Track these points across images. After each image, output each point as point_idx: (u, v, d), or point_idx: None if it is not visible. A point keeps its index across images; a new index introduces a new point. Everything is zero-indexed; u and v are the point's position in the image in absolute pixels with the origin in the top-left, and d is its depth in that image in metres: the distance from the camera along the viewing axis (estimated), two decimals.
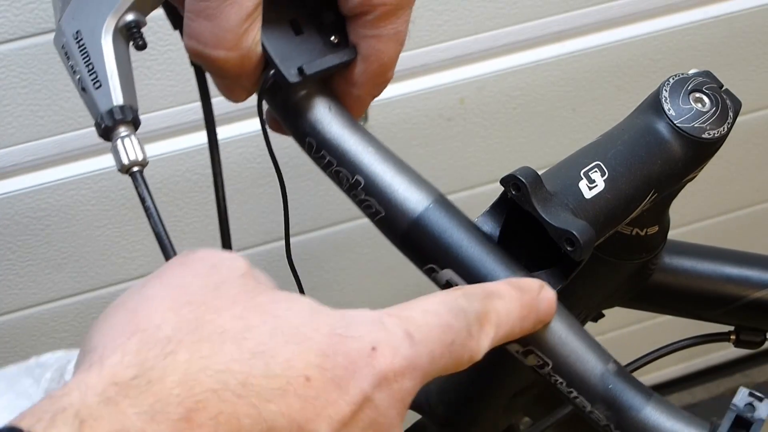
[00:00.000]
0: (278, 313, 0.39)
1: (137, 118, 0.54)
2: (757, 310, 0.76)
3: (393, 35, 0.55)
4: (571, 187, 0.57)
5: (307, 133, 0.55)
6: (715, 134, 0.60)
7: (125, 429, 0.33)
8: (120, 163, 0.52)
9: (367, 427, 0.38)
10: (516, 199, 0.53)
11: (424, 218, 0.53)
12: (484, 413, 0.89)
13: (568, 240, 0.51)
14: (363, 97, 0.58)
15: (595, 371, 0.51)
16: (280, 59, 0.53)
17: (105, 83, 0.53)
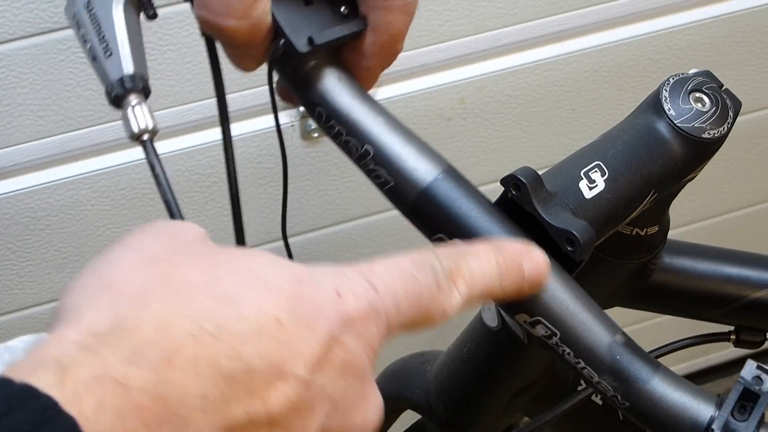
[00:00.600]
0: (243, 265, 0.39)
1: (147, 87, 0.54)
2: (757, 310, 0.76)
3: (402, 6, 0.55)
4: (571, 187, 0.57)
5: (317, 103, 0.56)
6: (715, 134, 0.61)
7: (107, 373, 0.33)
8: (130, 130, 0.53)
9: (340, 368, 0.39)
10: (516, 199, 0.53)
11: (433, 188, 0.53)
12: (483, 413, 0.89)
13: (568, 240, 0.52)
14: (373, 68, 0.58)
15: (603, 342, 0.51)
16: (290, 29, 0.54)
17: (116, 52, 0.53)
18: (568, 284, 0.52)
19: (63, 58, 1.13)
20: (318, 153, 1.33)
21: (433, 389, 0.93)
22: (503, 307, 0.53)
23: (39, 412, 0.32)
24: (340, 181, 1.38)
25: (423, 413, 0.98)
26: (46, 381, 0.33)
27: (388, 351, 1.58)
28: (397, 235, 1.48)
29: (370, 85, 0.59)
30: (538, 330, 0.52)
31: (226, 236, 1.43)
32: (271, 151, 1.30)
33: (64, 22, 1.10)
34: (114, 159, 1.25)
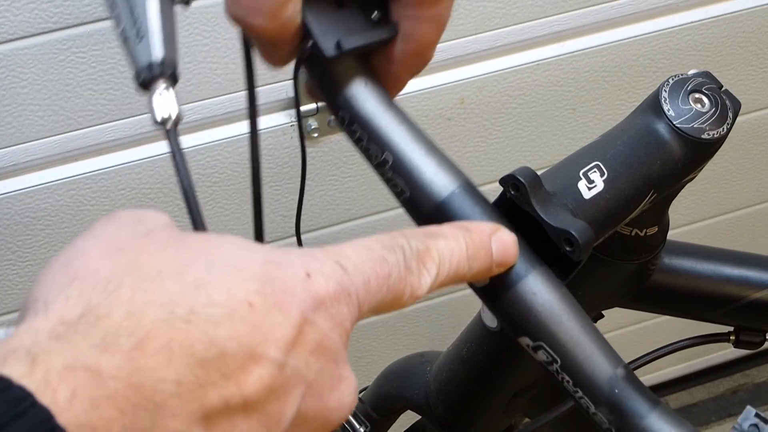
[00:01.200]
0: (211, 250, 0.39)
1: (176, 73, 0.53)
2: (756, 310, 0.76)
3: (434, 18, 0.55)
4: (570, 187, 0.57)
5: (341, 107, 0.56)
6: (714, 135, 0.60)
7: (79, 360, 0.33)
8: (154, 117, 0.53)
9: (314, 349, 0.39)
10: (515, 199, 0.53)
11: (449, 203, 0.53)
12: (483, 414, 0.89)
13: (567, 240, 0.51)
14: (401, 76, 0.57)
15: (604, 374, 0.50)
16: (319, 32, 0.53)
17: (147, 36, 0.53)
18: (575, 312, 0.51)
19: (63, 58, 1.13)
20: (318, 153, 1.34)
21: (432, 390, 0.93)
22: (506, 327, 0.53)
23: (13, 402, 0.31)
24: (340, 181, 1.38)
25: (423, 413, 0.98)
26: (19, 371, 0.32)
27: (388, 351, 1.59)
28: None
29: (396, 91, 0.58)
30: (539, 355, 0.51)
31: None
32: (272, 151, 1.30)
33: (64, 22, 1.10)
34: (114, 159, 1.25)
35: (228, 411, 0.36)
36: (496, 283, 0.51)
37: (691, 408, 2.05)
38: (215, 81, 1.21)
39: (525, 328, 0.51)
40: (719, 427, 2.01)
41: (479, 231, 0.49)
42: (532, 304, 0.51)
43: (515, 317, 0.51)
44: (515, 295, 0.51)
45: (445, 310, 1.66)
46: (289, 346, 0.38)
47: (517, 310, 0.51)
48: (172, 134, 0.52)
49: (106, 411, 0.33)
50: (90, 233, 0.40)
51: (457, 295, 1.63)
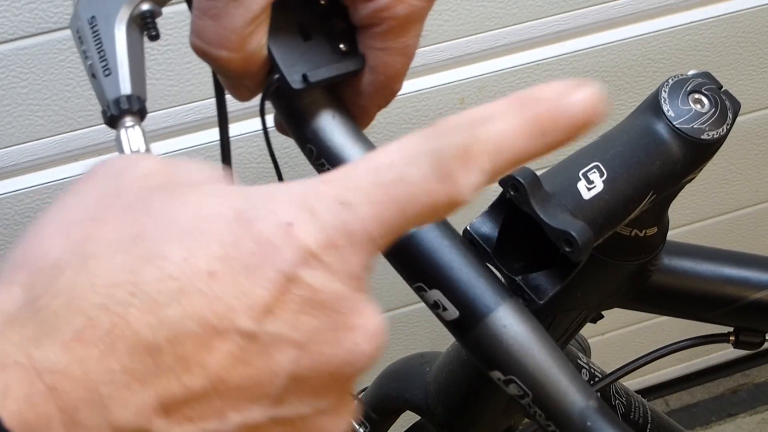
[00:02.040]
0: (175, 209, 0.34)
1: (144, 109, 0.53)
2: (756, 311, 0.76)
3: (402, 49, 0.54)
4: (569, 187, 0.57)
5: (308, 140, 0.55)
6: (714, 135, 0.60)
7: (10, 357, 0.31)
8: (122, 153, 0.52)
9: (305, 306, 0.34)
10: (514, 200, 0.53)
11: (416, 238, 0.52)
12: (483, 415, 0.89)
13: (566, 241, 0.51)
14: (369, 108, 0.57)
15: (576, 406, 0.49)
16: (285, 65, 0.53)
17: (115, 71, 0.53)
18: (546, 344, 0.50)
19: (63, 58, 1.13)
20: None
21: (432, 390, 0.93)
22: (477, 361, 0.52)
23: None
24: None
25: (422, 414, 0.97)
26: None
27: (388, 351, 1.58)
28: None
29: (366, 123, 0.58)
30: (510, 389, 0.50)
31: None
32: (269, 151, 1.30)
33: (64, 22, 1.10)
34: None
35: (193, 396, 0.33)
36: (465, 317, 0.50)
37: (691, 408, 2.05)
38: None
39: (495, 361, 0.50)
40: (719, 427, 2.01)
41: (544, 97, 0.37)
42: (502, 337, 0.49)
43: (485, 351, 0.50)
44: (485, 328, 0.50)
45: None
46: (264, 312, 0.33)
47: (487, 343, 0.50)
48: None
49: (44, 408, 0.31)
50: (61, 198, 0.37)
51: None
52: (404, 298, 1.59)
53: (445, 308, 0.51)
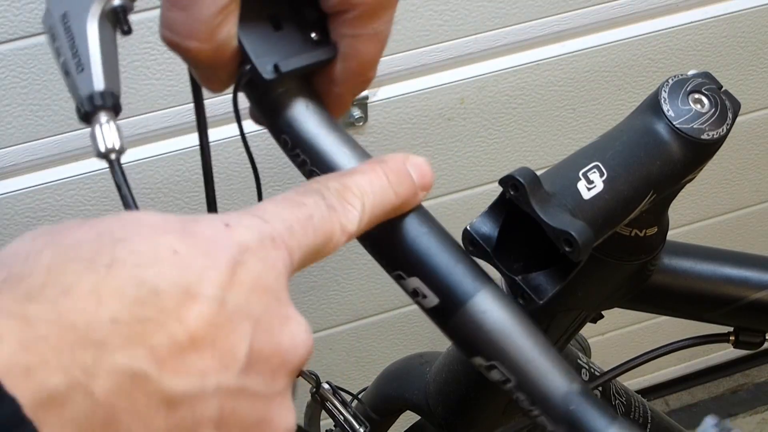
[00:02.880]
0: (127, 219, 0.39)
1: (118, 104, 0.53)
2: (756, 311, 0.76)
3: (373, 35, 0.54)
4: (569, 187, 0.57)
5: (282, 131, 0.55)
6: (714, 135, 0.60)
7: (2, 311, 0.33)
8: (97, 149, 0.51)
9: (253, 288, 0.39)
10: (514, 200, 0.53)
11: (394, 224, 0.51)
12: (483, 414, 0.89)
13: (566, 240, 0.51)
14: (343, 95, 0.57)
15: (559, 390, 0.49)
16: (256, 55, 0.53)
17: (87, 67, 0.52)
18: (528, 329, 0.50)
19: None
20: None
21: (432, 390, 0.93)
22: (460, 348, 0.52)
23: None
24: None
25: (422, 414, 0.98)
26: None
27: (388, 351, 1.58)
28: None
29: (340, 111, 0.57)
30: (493, 375, 0.50)
31: None
32: (271, 151, 1.30)
33: None
34: None
35: (176, 347, 0.36)
36: (444, 304, 0.50)
37: (691, 408, 2.05)
38: None
39: (477, 347, 0.50)
40: None
41: (393, 159, 0.50)
42: (482, 322, 0.49)
43: (467, 337, 0.50)
44: (465, 314, 0.50)
45: None
46: (225, 285, 0.38)
47: (467, 329, 0.50)
48: (115, 167, 0.51)
49: (38, 351, 0.33)
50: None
51: None
52: (404, 298, 1.59)
53: (424, 296, 0.51)
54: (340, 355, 1.66)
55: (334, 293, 1.54)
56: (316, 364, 1.62)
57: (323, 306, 1.56)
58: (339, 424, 1.00)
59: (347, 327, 1.61)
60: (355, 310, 1.58)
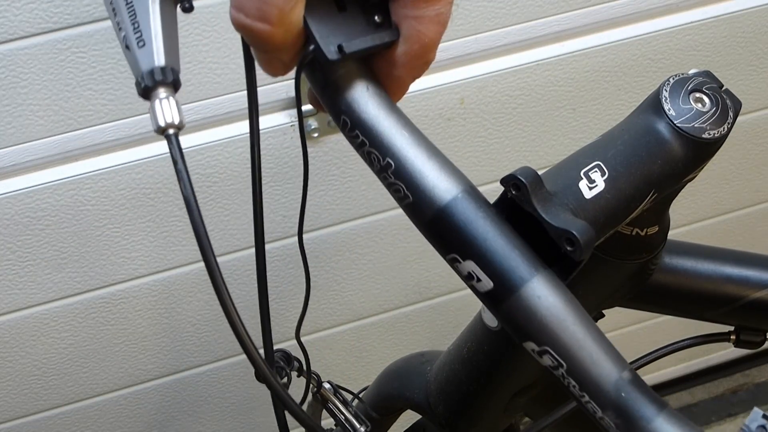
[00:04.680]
0: None
1: (178, 81, 0.54)
2: (757, 310, 0.76)
3: (434, 17, 0.55)
4: (571, 187, 0.57)
5: (342, 111, 0.55)
6: (715, 134, 0.60)
7: None
8: (156, 124, 0.52)
9: None
10: (516, 199, 0.53)
11: (451, 208, 0.52)
12: (484, 413, 0.89)
13: (568, 240, 0.51)
14: (403, 78, 0.57)
15: (610, 378, 0.50)
16: (321, 36, 0.53)
17: (149, 43, 0.53)
18: (580, 316, 0.51)
19: (63, 58, 1.13)
20: (318, 153, 1.33)
21: (433, 389, 0.93)
22: (511, 332, 0.52)
23: None
24: (340, 181, 1.38)
25: (423, 413, 0.97)
26: None
27: (388, 351, 1.58)
28: (397, 234, 1.48)
29: (399, 95, 0.58)
30: (544, 360, 0.51)
31: (225, 235, 1.44)
32: (271, 151, 1.30)
33: (64, 22, 1.10)
34: (114, 159, 1.25)
35: None
36: (499, 287, 0.51)
37: (691, 408, 2.05)
38: (215, 81, 1.21)
39: (530, 332, 0.51)
40: (719, 427, 2.01)
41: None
42: (537, 308, 0.50)
43: (520, 322, 0.51)
44: (519, 299, 0.50)
45: (445, 310, 1.65)
46: None
47: (521, 314, 0.51)
48: (173, 141, 0.52)
49: None
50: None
51: (457, 295, 1.63)
52: (404, 299, 1.59)
53: (479, 279, 0.51)
54: (340, 355, 1.66)
55: (334, 293, 1.54)
56: (317, 364, 1.62)
57: (323, 306, 1.56)
58: (340, 424, 1.00)
59: (347, 327, 1.61)
60: (355, 310, 1.58)
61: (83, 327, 1.42)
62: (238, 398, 1.65)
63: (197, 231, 0.51)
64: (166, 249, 1.37)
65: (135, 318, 1.44)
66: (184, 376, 1.57)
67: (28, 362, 1.43)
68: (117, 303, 1.41)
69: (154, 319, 1.46)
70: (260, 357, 0.54)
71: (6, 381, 1.45)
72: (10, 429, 1.51)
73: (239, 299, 1.42)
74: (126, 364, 1.51)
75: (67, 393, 1.51)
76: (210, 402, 1.64)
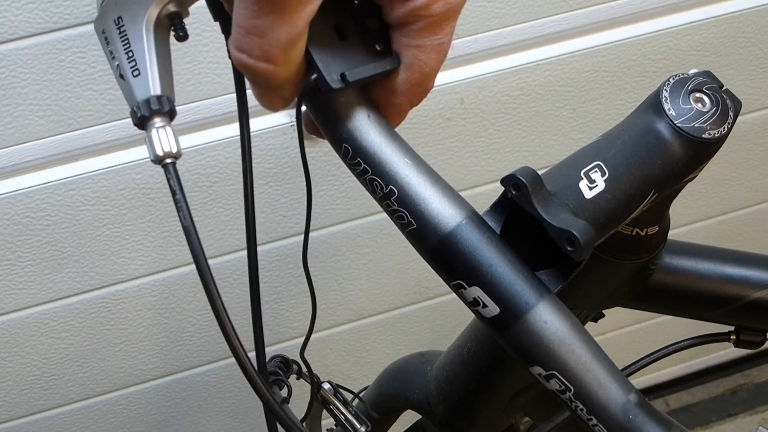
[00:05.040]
0: None
1: (173, 109, 0.54)
2: (757, 310, 0.76)
3: (436, 46, 0.55)
4: (571, 187, 0.57)
5: (344, 140, 0.55)
6: (715, 134, 0.60)
7: None
8: (154, 153, 0.52)
9: None
10: (516, 199, 0.53)
11: (456, 234, 0.52)
12: (484, 413, 0.89)
13: (568, 240, 0.51)
14: (402, 106, 0.57)
15: (617, 400, 0.50)
16: (324, 65, 0.53)
17: (144, 72, 0.53)
18: (586, 340, 0.51)
19: (63, 58, 1.13)
20: (318, 153, 1.33)
21: (433, 389, 0.93)
22: (517, 357, 0.52)
23: None
24: (340, 181, 1.38)
25: (423, 413, 0.97)
26: None
27: (388, 351, 1.58)
28: (397, 234, 1.48)
29: (398, 122, 0.58)
30: (551, 384, 0.51)
31: (225, 235, 1.43)
32: (270, 151, 1.30)
33: (64, 22, 1.10)
34: (114, 159, 1.25)
35: None
36: (505, 313, 0.51)
37: (691, 408, 2.05)
38: (215, 81, 1.21)
39: (537, 357, 0.51)
40: (719, 427, 2.01)
41: None
42: (543, 332, 0.50)
43: (526, 347, 0.51)
44: (526, 324, 0.51)
45: (445, 310, 1.66)
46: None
47: (528, 339, 0.51)
48: (170, 171, 0.52)
49: None
50: None
51: None
52: (404, 299, 1.59)
53: (485, 305, 0.51)
54: (340, 355, 1.65)
55: (334, 293, 1.54)
56: (317, 364, 1.62)
57: (323, 306, 1.56)
58: (340, 424, 1.00)
59: (347, 327, 1.61)
60: (355, 310, 1.58)
61: (83, 327, 1.42)
62: (238, 398, 1.65)
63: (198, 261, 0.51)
64: (166, 249, 1.37)
65: (135, 318, 1.44)
66: (184, 376, 1.57)
67: (28, 362, 1.43)
68: (117, 303, 1.41)
69: (153, 319, 1.46)
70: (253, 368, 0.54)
71: (6, 381, 1.45)
72: (10, 429, 1.51)
73: (239, 299, 1.42)
74: (126, 364, 1.51)
75: (67, 393, 1.51)
76: (210, 402, 1.64)
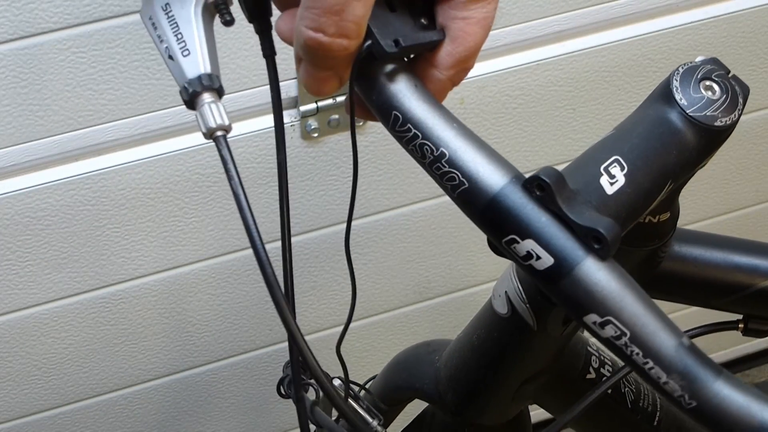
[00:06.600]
0: None
1: (222, 87, 0.57)
2: (765, 298, 0.76)
3: (482, 19, 0.56)
4: (592, 183, 0.58)
5: (394, 107, 0.57)
6: (726, 121, 0.61)
7: None
8: (206, 126, 0.56)
9: None
10: (541, 200, 0.53)
11: (507, 191, 0.54)
12: (493, 400, 0.89)
13: (595, 238, 0.52)
14: (444, 82, 0.59)
15: (670, 343, 0.51)
16: (378, 31, 0.55)
17: (193, 51, 0.57)
18: (635, 286, 0.53)
19: (63, 58, 1.13)
20: (318, 153, 1.33)
21: (443, 377, 0.93)
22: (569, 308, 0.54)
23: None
24: (340, 181, 1.38)
25: (432, 402, 0.98)
26: None
27: (388, 351, 1.58)
28: (397, 234, 1.48)
29: (440, 98, 0.59)
30: (606, 331, 0.52)
31: (226, 235, 1.43)
32: (272, 151, 1.30)
33: (64, 22, 1.10)
34: (114, 159, 1.25)
35: None
36: (560, 263, 0.52)
37: None
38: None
39: (592, 305, 0.52)
40: None
41: None
42: (598, 280, 0.52)
43: (581, 295, 0.52)
44: (581, 272, 0.52)
45: (445, 310, 1.65)
46: None
47: (582, 288, 0.52)
48: (222, 143, 0.56)
49: None
50: None
51: (457, 295, 1.63)
52: (404, 299, 1.59)
53: (538, 257, 0.53)
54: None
55: (334, 293, 1.54)
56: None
57: (323, 306, 1.56)
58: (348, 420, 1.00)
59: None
60: (356, 310, 1.58)
61: (83, 327, 1.41)
62: (238, 398, 1.64)
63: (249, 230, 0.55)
64: (166, 249, 1.37)
65: (135, 318, 1.44)
66: (184, 376, 1.57)
67: (28, 362, 1.43)
68: (117, 303, 1.41)
69: (154, 319, 1.46)
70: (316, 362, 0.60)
71: (6, 381, 1.44)
72: (10, 429, 1.51)
73: (239, 299, 1.42)
74: (126, 364, 1.50)
75: (67, 393, 1.50)
76: (210, 402, 1.63)
